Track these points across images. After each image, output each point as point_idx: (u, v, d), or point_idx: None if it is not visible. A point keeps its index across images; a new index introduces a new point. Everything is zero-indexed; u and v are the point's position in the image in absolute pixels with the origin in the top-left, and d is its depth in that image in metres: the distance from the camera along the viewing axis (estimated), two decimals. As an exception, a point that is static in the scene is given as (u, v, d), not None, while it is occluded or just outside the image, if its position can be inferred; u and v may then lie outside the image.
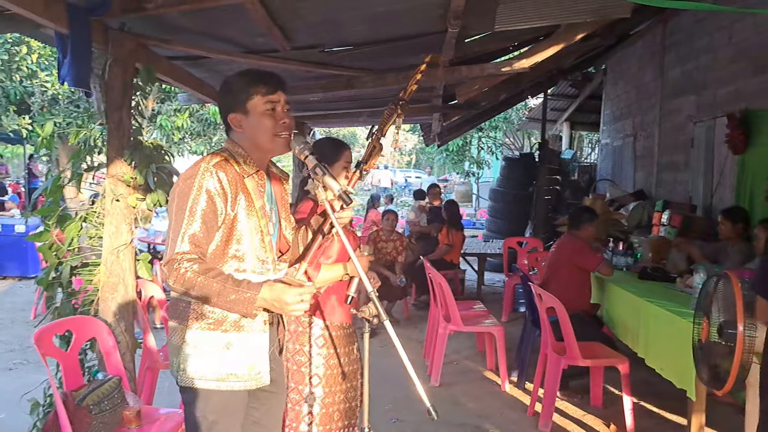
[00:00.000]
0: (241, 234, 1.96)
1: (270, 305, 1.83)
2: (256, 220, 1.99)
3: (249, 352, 1.99)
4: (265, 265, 2.03)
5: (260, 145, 2.01)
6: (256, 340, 2.00)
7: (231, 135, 2.05)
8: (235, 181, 1.94)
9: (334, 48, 4.31)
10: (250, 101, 1.97)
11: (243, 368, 1.97)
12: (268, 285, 1.84)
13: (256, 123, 1.98)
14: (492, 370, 4.87)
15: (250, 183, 1.99)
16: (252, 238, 1.98)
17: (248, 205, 1.97)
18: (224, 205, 1.90)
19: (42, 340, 2.52)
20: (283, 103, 2.03)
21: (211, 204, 1.87)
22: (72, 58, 2.71)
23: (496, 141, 15.81)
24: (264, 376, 2.03)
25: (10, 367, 4.86)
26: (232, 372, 1.96)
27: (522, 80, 6.97)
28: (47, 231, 3.13)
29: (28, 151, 15.38)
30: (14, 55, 7.39)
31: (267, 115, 1.98)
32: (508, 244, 7.27)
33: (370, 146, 2.40)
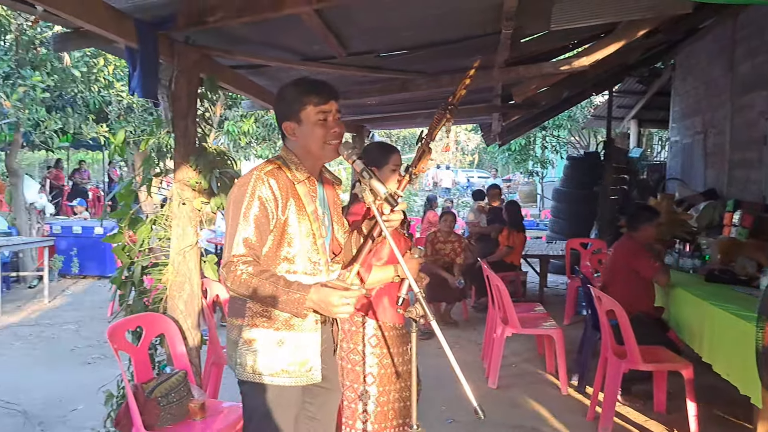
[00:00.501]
0: (292, 237, 2.05)
1: (318, 306, 1.91)
2: (308, 224, 2.08)
3: (300, 349, 2.08)
4: (317, 266, 2.11)
5: (311, 151, 2.11)
6: (307, 339, 2.09)
7: (285, 142, 2.16)
8: (286, 187, 2.04)
9: (388, 53, 4.37)
10: (303, 111, 2.06)
11: (294, 365, 2.07)
12: (316, 287, 1.91)
13: (308, 131, 2.07)
14: (551, 374, 4.81)
15: (301, 189, 2.08)
16: (302, 241, 2.07)
17: (299, 210, 2.06)
18: (275, 210, 2.00)
19: (115, 335, 2.70)
20: (335, 111, 2.11)
21: (263, 209, 1.98)
22: (141, 70, 2.89)
23: (560, 140, 15.48)
24: (315, 374, 2.11)
25: (89, 361, 5.18)
26: (283, 368, 2.06)
27: (584, 78, 6.83)
28: (120, 233, 3.33)
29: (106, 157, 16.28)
30: (92, 67, 7.84)
31: (319, 124, 2.07)
32: (570, 246, 7.14)
33: (420, 150, 2.45)
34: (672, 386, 4.05)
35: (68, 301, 7.50)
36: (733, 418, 3.91)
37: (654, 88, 9.93)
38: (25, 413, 3.99)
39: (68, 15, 2.57)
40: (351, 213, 2.72)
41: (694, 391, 3.61)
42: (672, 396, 4.05)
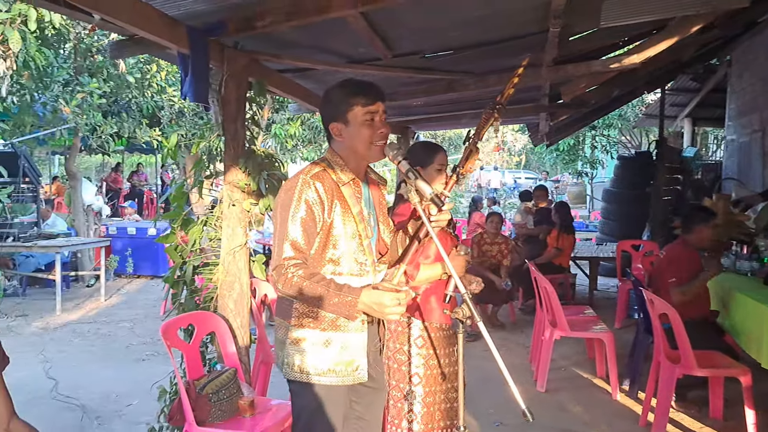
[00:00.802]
0: (337, 239, 2.07)
1: (369, 309, 1.92)
2: (353, 225, 2.10)
3: (347, 349, 2.09)
4: (363, 267, 2.13)
5: (358, 152, 2.12)
6: (354, 339, 2.11)
7: (331, 144, 2.18)
8: (332, 189, 2.06)
9: (434, 53, 4.37)
10: (351, 112, 2.07)
11: (341, 365, 2.09)
12: (367, 290, 1.93)
13: (355, 132, 2.09)
14: (602, 378, 4.71)
15: (346, 190, 2.10)
16: (348, 243, 2.09)
17: (344, 212, 2.08)
18: (321, 213, 2.03)
19: (168, 333, 2.78)
20: (381, 112, 2.12)
21: (310, 213, 2.00)
22: (192, 75, 2.97)
23: (610, 139, 15.13)
24: (362, 373, 2.13)
25: (143, 358, 5.34)
26: (330, 368, 2.08)
27: (636, 76, 6.66)
28: (173, 233, 3.43)
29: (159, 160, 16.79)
30: (146, 73, 8.10)
31: (366, 125, 2.08)
32: (621, 248, 6.97)
33: (467, 150, 2.44)
34: (729, 393, 3.91)
35: (123, 299, 7.76)
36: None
37: (709, 85, 9.59)
38: (84, 407, 4.15)
39: (124, 23, 2.66)
40: (396, 213, 2.73)
41: (753, 398, 3.48)
42: (729, 403, 3.91)
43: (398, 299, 1.88)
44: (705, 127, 12.39)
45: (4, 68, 5.54)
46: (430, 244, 2.69)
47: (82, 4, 2.45)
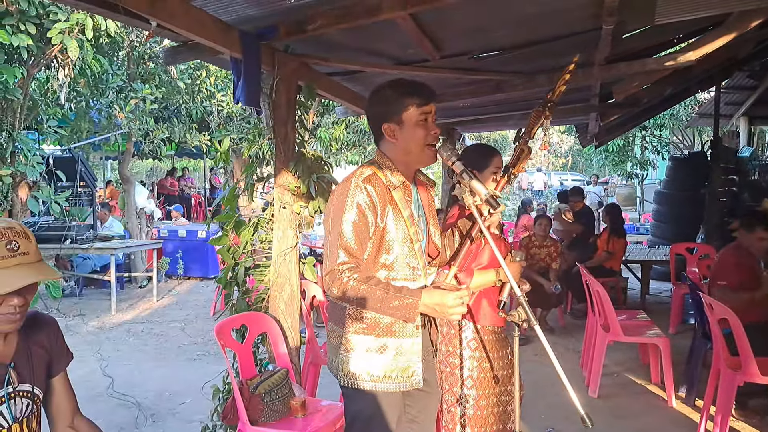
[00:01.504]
0: (390, 244, 2.05)
1: (430, 310, 1.91)
2: (405, 229, 2.07)
3: (402, 355, 2.07)
4: (415, 271, 2.10)
5: (411, 153, 2.10)
6: (409, 344, 2.09)
7: (381, 145, 2.15)
8: (383, 193, 2.04)
9: (483, 54, 4.32)
10: (406, 112, 2.05)
11: (397, 371, 2.07)
12: (427, 291, 1.92)
13: (409, 133, 2.07)
14: (657, 384, 4.58)
15: (396, 194, 2.07)
16: (401, 247, 2.07)
17: (396, 216, 2.06)
18: (374, 217, 2.00)
19: (222, 333, 2.83)
20: (433, 113, 2.11)
21: (363, 217, 1.98)
22: (245, 79, 3.01)
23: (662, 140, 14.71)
24: (417, 379, 2.11)
25: (195, 358, 5.45)
26: (386, 374, 2.06)
27: (689, 74, 6.46)
28: (225, 235, 3.49)
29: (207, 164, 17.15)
30: (195, 79, 8.29)
31: (420, 126, 2.06)
32: (675, 251, 6.77)
33: (518, 149, 2.40)
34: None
35: (174, 300, 7.95)
36: None
37: (766, 82, 9.23)
38: (139, 405, 4.26)
39: (180, 29, 2.72)
40: (448, 216, 2.71)
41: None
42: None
43: (461, 298, 1.86)
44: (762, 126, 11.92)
45: (62, 76, 5.76)
46: (483, 251, 2.67)
47: (141, 11, 2.52)
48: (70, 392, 1.84)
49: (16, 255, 1.52)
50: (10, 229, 1.54)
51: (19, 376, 1.64)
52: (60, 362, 1.79)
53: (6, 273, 1.49)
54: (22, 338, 1.67)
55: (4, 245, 1.51)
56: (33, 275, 1.54)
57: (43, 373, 1.73)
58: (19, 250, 1.53)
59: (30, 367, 1.67)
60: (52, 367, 1.76)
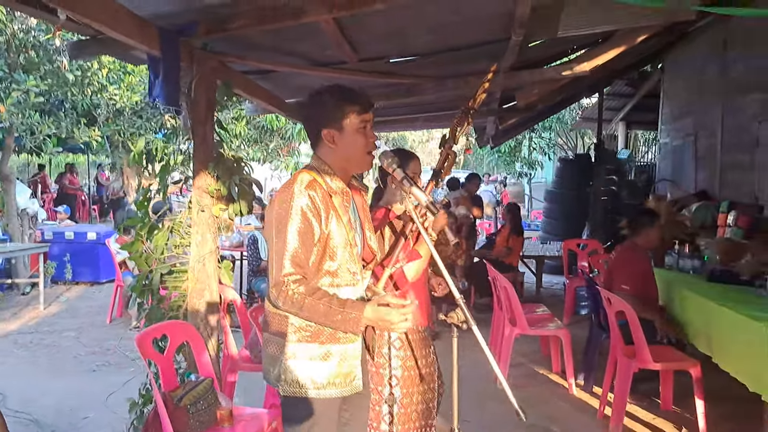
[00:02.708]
0: (334, 251, 2.05)
1: (374, 323, 1.94)
2: (345, 235, 2.08)
3: (346, 360, 2.08)
4: (355, 276, 2.11)
5: (351, 160, 2.10)
6: (352, 349, 2.09)
7: (319, 151, 2.12)
8: (325, 199, 2.03)
9: (398, 58, 4.41)
10: (346, 119, 2.05)
11: (340, 377, 2.07)
12: (372, 306, 1.93)
13: (350, 140, 2.07)
14: (557, 374, 4.88)
15: (336, 200, 2.07)
16: (343, 253, 2.07)
17: (338, 222, 2.05)
18: (318, 224, 1.99)
19: (143, 344, 2.70)
20: (372, 121, 2.13)
21: (308, 225, 1.97)
22: (164, 78, 2.89)
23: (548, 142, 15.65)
24: (358, 383, 2.12)
25: (94, 369, 5.14)
26: (330, 381, 2.05)
27: (581, 82, 6.94)
28: (138, 240, 3.32)
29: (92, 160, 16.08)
30: (86, 70, 7.77)
31: (360, 133, 2.07)
32: (567, 247, 7.23)
33: (444, 154, 2.49)
34: (676, 386, 4.13)
35: (64, 308, 7.42)
36: (738, 415, 4.00)
37: (642, 90, 10.09)
38: (37, 422, 3.95)
39: (94, 23, 2.56)
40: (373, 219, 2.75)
41: (703, 389, 3.69)
42: (677, 395, 4.13)
43: (405, 314, 1.90)
44: (637, 130, 12.99)
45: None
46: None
47: (50, 2, 2.34)
48: None
49: None
50: None
51: None
52: None
53: None
54: None
55: None
56: None
57: None
58: None
59: None
60: None
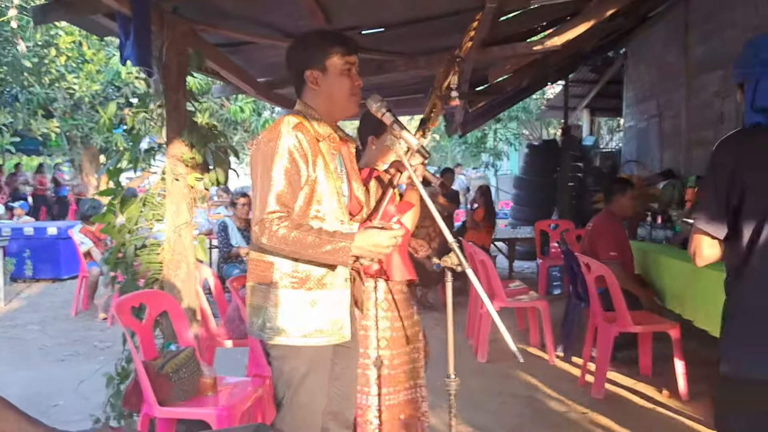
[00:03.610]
0: (321, 195, 2.00)
1: (364, 251, 1.89)
2: (333, 182, 2.04)
3: (333, 308, 2.04)
4: (343, 225, 2.07)
5: (336, 102, 2.06)
6: (339, 296, 2.06)
7: (304, 95, 2.08)
8: (312, 143, 1.98)
9: (371, 30, 4.36)
10: (329, 59, 2.01)
11: (327, 324, 2.03)
12: (361, 232, 1.90)
13: (334, 81, 2.03)
14: (536, 347, 4.91)
15: (323, 146, 2.03)
16: (330, 200, 2.02)
17: (325, 168, 2.01)
18: (305, 166, 1.94)
19: (121, 310, 2.60)
20: (356, 65, 2.09)
21: (294, 164, 1.92)
22: (135, 38, 2.78)
23: (515, 132, 15.82)
24: (346, 331, 2.08)
25: (62, 358, 4.96)
26: (318, 328, 2.01)
27: (547, 63, 7.00)
28: (111, 212, 3.20)
29: (46, 161, 15.55)
30: (43, 57, 7.51)
31: (345, 75, 2.04)
32: (540, 227, 7.29)
33: (431, 104, 2.44)
34: (654, 352, 4.18)
35: (25, 303, 7.14)
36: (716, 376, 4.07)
37: (606, 76, 10.24)
38: (3, 410, 3.77)
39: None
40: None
41: (682, 351, 3.74)
42: (656, 361, 4.18)
43: (395, 237, 1.87)
44: (600, 117, 13.22)
45: None
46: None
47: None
48: None
49: None
50: None
51: None
52: None
53: None
54: None
55: None
56: None
57: None
58: None
59: None
60: None
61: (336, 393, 2.21)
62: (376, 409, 2.64)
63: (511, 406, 3.80)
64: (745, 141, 1.75)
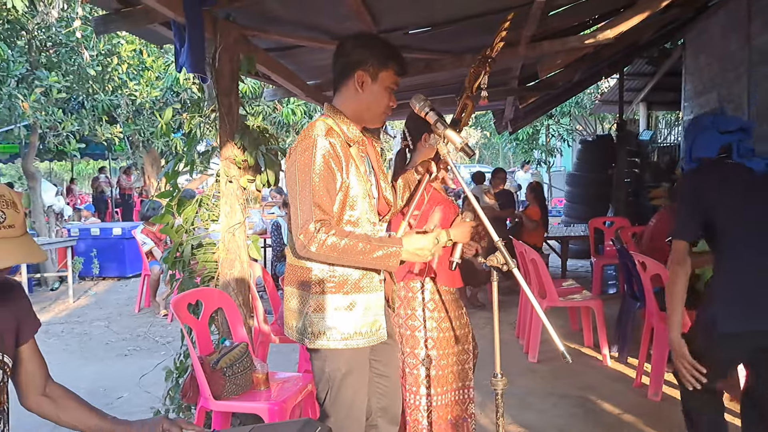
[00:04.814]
0: (354, 200, 2.03)
1: (411, 255, 1.95)
2: (364, 185, 2.06)
3: (370, 310, 2.07)
4: (375, 227, 2.10)
5: (369, 113, 2.09)
6: (375, 299, 2.09)
7: (339, 95, 2.10)
8: (344, 148, 2.01)
9: (417, 29, 4.38)
10: (384, 71, 2.04)
11: (366, 326, 2.06)
12: (408, 237, 1.95)
13: (378, 92, 2.06)
14: (590, 347, 4.82)
15: (353, 150, 2.06)
16: (362, 203, 2.06)
17: (356, 171, 2.04)
18: (340, 172, 1.97)
19: (178, 307, 2.71)
20: (396, 88, 2.11)
21: (330, 171, 1.95)
22: (189, 45, 2.89)
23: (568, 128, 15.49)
24: (383, 332, 2.12)
25: (125, 353, 5.18)
26: (357, 331, 2.05)
27: (600, 57, 6.86)
28: (168, 213, 3.33)
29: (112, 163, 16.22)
30: (106, 66, 7.84)
31: (387, 91, 2.07)
32: (593, 225, 7.14)
33: (461, 104, 2.44)
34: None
35: (92, 300, 7.49)
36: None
37: (664, 68, 9.91)
38: (72, 402, 3.98)
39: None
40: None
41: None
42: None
43: (437, 239, 1.91)
44: (658, 111, 12.80)
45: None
46: (434, 213, 2.71)
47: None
48: (41, 359, 1.71)
49: (1, 228, 1.36)
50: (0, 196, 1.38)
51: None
52: (28, 328, 1.66)
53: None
54: None
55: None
56: (19, 255, 1.39)
57: (12, 340, 1.58)
58: (5, 222, 1.37)
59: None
60: (20, 334, 1.62)
61: (383, 389, 2.24)
62: (425, 409, 2.66)
63: (562, 406, 3.75)
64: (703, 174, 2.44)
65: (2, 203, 1.38)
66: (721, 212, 2.31)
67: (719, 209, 2.31)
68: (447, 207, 2.78)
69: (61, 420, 1.69)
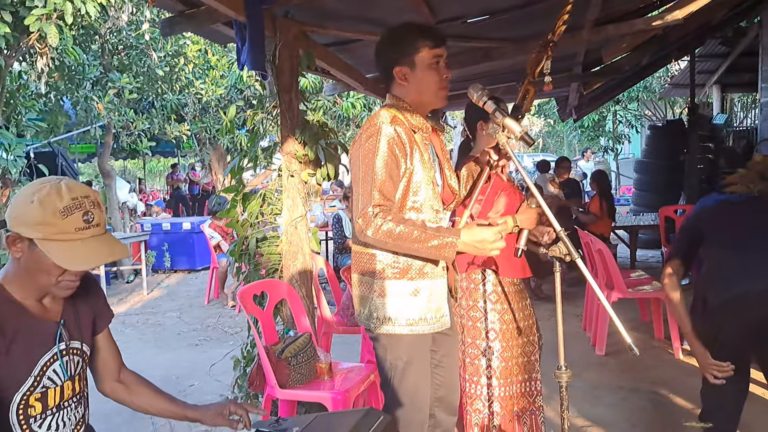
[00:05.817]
0: (418, 186, 2.04)
1: (470, 248, 1.91)
2: (428, 172, 2.07)
3: (434, 296, 2.07)
4: (438, 215, 2.11)
5: (424, 96, 2.08)
6: (439, 285, 2.09)
7: (393, 89, 2.12)
8: (409, 134, 2.02)
9: (477, 17, 4.33)
10: (418, 55, 2.03)
11: (430, 312, 2.07)
12: (467, 228, 1.92)
13: (422, 76, 2.05)
14: (660, 340, 4.66)
15: (418, 137, 2.06)
16: (426, 190, 2.06)
17: (421, 158, 2.04)
18: (404, 158, 1.98)
19: (244, 298, 2.79)
20: (445, 57, 2.09)
21: (394, 158, 1.96)
22: (250, 43, 2.96)
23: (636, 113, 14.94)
24: (446, 319, 2.12)
25: (196, 343, 5.38)
26: (421, 317, 2.05)
27: (669, 39, 6.57)
28: (234, 208, 3.43)
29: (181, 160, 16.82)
30: (174, 66, 8.13)
31: (433, 69, 2.05)
32: (664, 214, 6.88)
33: (523, 90, 2.41)
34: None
35: (165, 292, 7.82)
36: None
37: (739, 48, 9.41)
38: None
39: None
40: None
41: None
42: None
43: (500, 233, 1.87)
44: (733, 93, 12.17)
45: (42, 65, 5.59)
46: (499, 198, 2.69)
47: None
48: (115, 347, 1.80)
49: (90, 227, 1.45)
50: (86, 197, 1.46)
51: (69, 333, 1.59)
52: (103, 319, 1.75)
53: (81, 246, 1.43)
54: (69, 296, 1.61)
55: (80, 216, 1.43)
56: (107, 252, 1.49)
57: (89, 329, 1.68)
58: (94, 221, 1.46)
59: (78, 324, 1.62)
60: (96, 324, 1.72)
61: (440, 380, 2.25)
62: (485, 398, 2.65)
63: (632, 400, 3.65)
64: (708, 212, 2.53)
65: (90, 204, 1.46)
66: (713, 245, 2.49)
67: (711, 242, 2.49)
68: (512, 193, 2.75)
69: (134, 404, 1.79)
